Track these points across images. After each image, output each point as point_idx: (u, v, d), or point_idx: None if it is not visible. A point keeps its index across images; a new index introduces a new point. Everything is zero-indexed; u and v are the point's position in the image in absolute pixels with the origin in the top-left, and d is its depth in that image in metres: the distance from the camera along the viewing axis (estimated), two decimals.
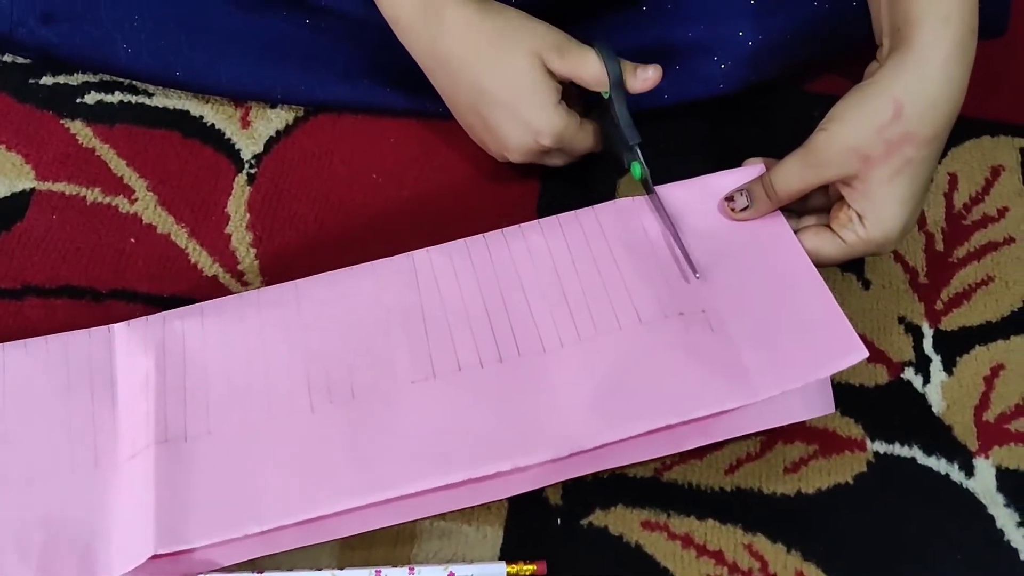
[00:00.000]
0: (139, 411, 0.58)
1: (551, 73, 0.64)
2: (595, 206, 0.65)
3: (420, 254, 0.63)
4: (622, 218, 0.65)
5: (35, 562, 0.55)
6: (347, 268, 0.63)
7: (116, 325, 0.61)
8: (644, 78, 0.64)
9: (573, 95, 0.68)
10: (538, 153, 0.66)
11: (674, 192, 0.65)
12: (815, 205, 0.65)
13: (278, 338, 0.60)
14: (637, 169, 0.65)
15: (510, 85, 0.63)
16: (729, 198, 0.63)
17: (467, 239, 0.64)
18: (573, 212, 0.65)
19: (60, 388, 0.60)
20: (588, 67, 0.63)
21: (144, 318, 0.61)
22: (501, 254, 0.63)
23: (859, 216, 0.60)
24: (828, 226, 0.62)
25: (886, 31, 0.59)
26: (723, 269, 0.62)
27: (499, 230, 0.64)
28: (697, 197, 0.65)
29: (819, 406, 0.60)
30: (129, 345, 0.61)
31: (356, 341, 0.60)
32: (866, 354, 0.57)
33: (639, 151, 0.65)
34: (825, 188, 0.63)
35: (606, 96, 0.65)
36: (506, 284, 0.62)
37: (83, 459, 0.58)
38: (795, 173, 0.60)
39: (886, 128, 0.56)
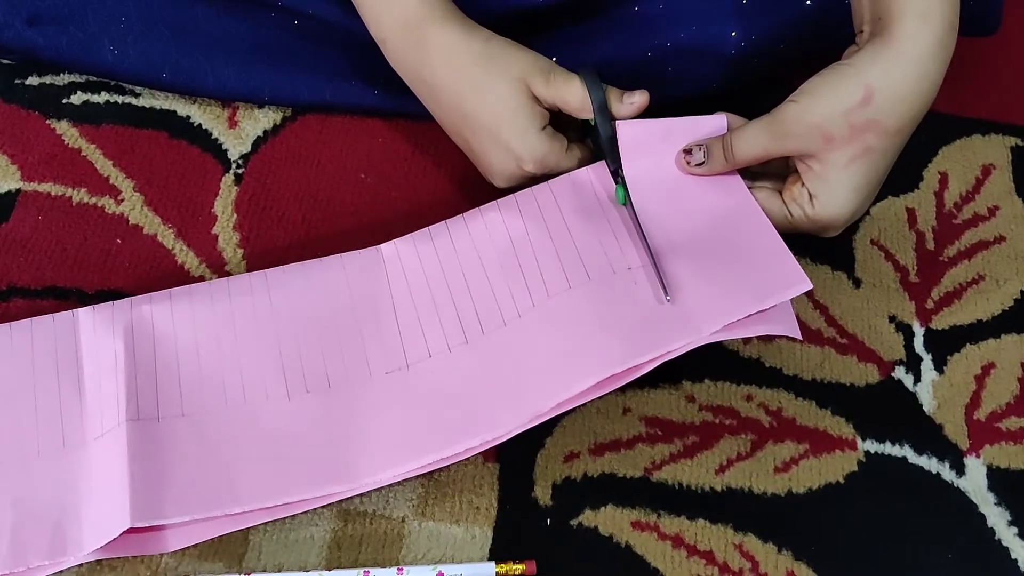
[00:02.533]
0: (108, 391, 0.59)
1: (537, 99, 0.64)
2: (552, 181, 0.66)
3: (388, 247, 0.64)
4: (576, 190, 0.65)
5: (6, 542, 0.55)
6: (316, 259, 0.64)
7: (80, 310, 0.62)
8: (630, 103, 0.64)
9: (567, 120, 0.67)
10: (523, 178, 0.66)
11: (634, 128, 0.65)
12: (773, 170, 0.64)
13: (249, 325, 0.61)
14: (620, 193, 0.64)
15: (493, 110, 0.63)
16: (687, 151, 0.63)
17: (430, 227, 0.65)
18: (530, 189, 0.66)
19: (25, 372, 0.60)
20: (572, 94, 0.63)
21: (110, 303, 0.62)
22: (461, 237, 0.64)
23: (810, 195, 0.60)
24: (780, 193, 0.62)
25: (867, 19, 0.59)
26: (672, 209, 0.63)
27: (460, 215, 0.65)
28: (655, 137, 0.65)
29: (782, 326, 0.59)
30: (95, 328, 0.61)
31: (329, 331, 0.61)
32: (810, 285, 0.58)
33: (623, 176, 0.64)
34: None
35: (592, 124, 0.65)
36: (468, 267, 0.63)
37: (50, 440, 0.58)
38: (757, 140, 0.60)
39: (853, 111, 0.56)
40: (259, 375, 0.60)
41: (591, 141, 0.68)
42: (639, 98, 0.64)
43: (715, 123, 0.65)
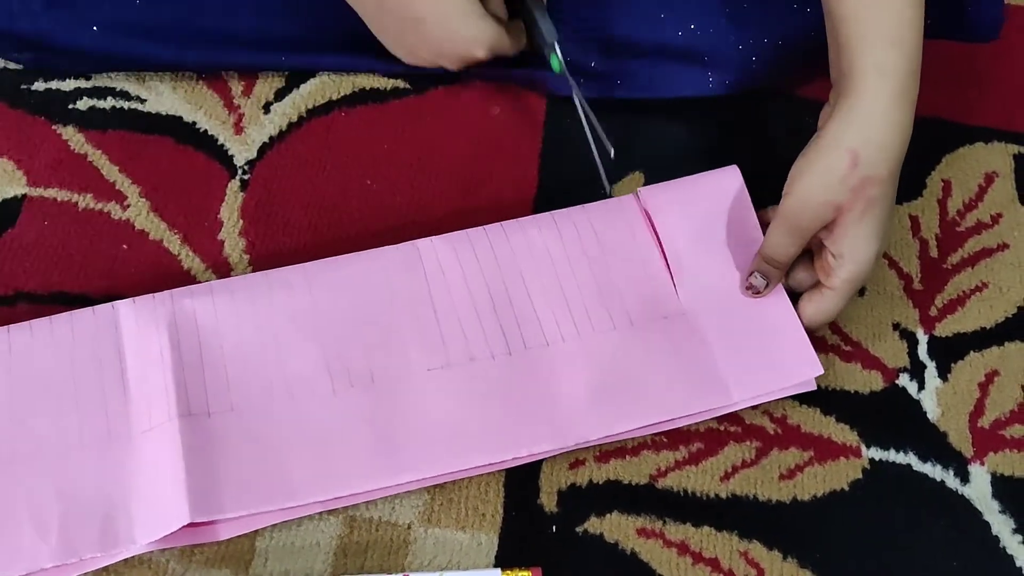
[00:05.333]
0: (155, 386, 0.60)
1: None
2: (586, 205, 0.68)
3: (424, 243, 0.65)
4: (611, 221, 0.67)
5: (54, 537, 0.56)
6: (353, 254, 0.65)
7: (120, 302, 0.62)
8: None
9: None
10: (474, 62, 0.69)
11: (658, 195, 0.68)
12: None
13: (291, 320, 0.62)
14: (555, 63, 0.67)
15: (436, 5, 0.66)
16: (748, 285, 0.65)
17: (468, 231, 0.66)
18: (567, 210, 0.67)
19: (66, 364, 0.60)
20: None
21: (150, 296, 0.62)
22: (502, 248, 0.66)
23: (835, 256, 0.62)
24: (817, 285, 0.64)
25: (835, 73, 0.62)
26: (701, 271, 0.66)
27: (499, 223, 0.67)
28: (678, 200, 0.68)
29: (800, 387, 0.63)
30: (137, 321, 0.61)
31: (369, 326, 0.63)
32: (821, 370, 0.62)
33: (557, 46, 0.67)
34: None
35: None
36: (509, 278, 0.65)
37: (95, 433, 0.59)
38: (783, 240, 0.63)
39: (848, 176, 0.59)
40: (304, 371, 0.61)
41: (521, 13, 0.70)
42: None
43: (729, 175, 0.68)
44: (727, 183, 0.68)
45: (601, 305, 0.64)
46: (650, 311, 0.64)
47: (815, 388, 0.63)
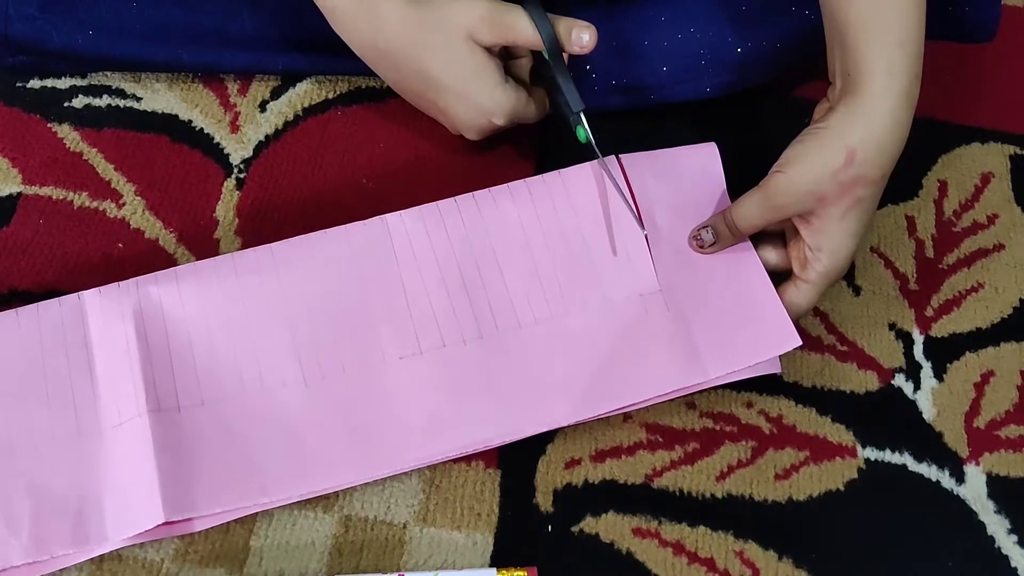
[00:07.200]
0: (123, 379, 0.59)
1: (489, 50, 0.65)
2: (564, 171, 0.67)
3: (393, 218, 0.65)
4: (590, 189, 0.66)
5: (25, 532, 0.55)
6: (320, 232, 0.64)
7: (86, 292, 0.61)
8: (580, 45, 0.65)
9: (519, 57, 0.69)
10: (493, 130, 0.69)
11: (639, 163, 0.67)
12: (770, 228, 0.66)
13: (259, 307, 0.62)
14: (581, 133, 0.65)
15: (454, 72, 0.65)
16: (696, 236, 0.65)
17: (439, 203, 0.65)
18: (541, 177, 0.67)
19: (35, 357, 0.60)
20: (520, 31, 0.64)
21: (116, 284, 0.62)
22: (474, 223, 0.65)
23: (812, 250, 0.61)
24: (792, 277, 0.64)
25: (838, 73, 0.61)
26: (677, 245, 0.65)
27: (470, 194, 0.66)
28: (658, 172, 0.67)
29: (767, 365, 0.62)
30: (103, 311, 0.61)
31: (339, 313, 0.62)
32: (799, 342, 0.62)
33: (583, 117, 0.65)
34: None
35: (546, 55, 0.65)
36: (481, 256, 0.64)
37: (64, 427, 0.58)
38: (755, 211, 0.62)
39: (840, 172, 0.59)
40: (274, 361, 0.60)
41: (545, 79, 0.68)
42: (588, 38, 0.65)
43: (706, 151, 0.68)
44: (705, 159, 0.68)
45: (576, 283, 0.63)
46: (627, 288, 0.63)
47: (779, 371, 0.63)
